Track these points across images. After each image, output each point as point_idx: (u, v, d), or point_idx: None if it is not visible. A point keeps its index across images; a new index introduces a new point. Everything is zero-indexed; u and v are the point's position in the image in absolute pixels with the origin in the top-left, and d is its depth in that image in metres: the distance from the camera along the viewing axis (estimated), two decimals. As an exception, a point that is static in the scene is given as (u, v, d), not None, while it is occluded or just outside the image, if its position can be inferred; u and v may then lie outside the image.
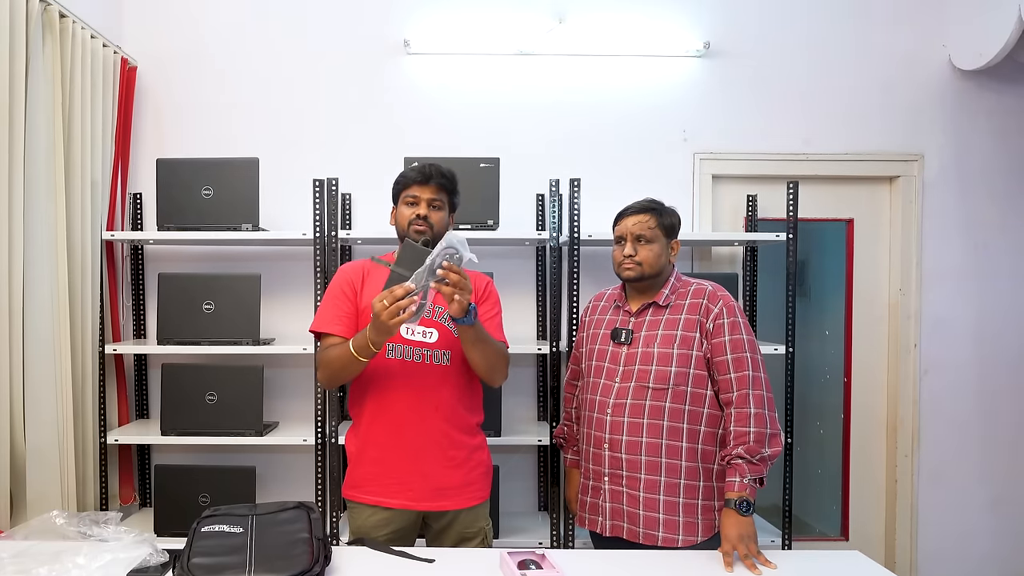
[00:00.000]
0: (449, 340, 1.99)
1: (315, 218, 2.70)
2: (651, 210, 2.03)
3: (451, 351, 1.99)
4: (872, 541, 3.27)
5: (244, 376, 2.71)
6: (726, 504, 1.84)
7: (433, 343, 1.98)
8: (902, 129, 3.19)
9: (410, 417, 1.95)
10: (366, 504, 2.00)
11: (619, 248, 2.06)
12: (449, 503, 1.99)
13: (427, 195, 1.99)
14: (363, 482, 2.01)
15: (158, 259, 3.08)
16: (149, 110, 3.09)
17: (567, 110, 3.13)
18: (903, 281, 3.21)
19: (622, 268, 2.04)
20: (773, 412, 1.91)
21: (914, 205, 3.19)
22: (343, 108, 3.11)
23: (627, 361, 2.00)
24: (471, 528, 2.03)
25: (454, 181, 2.05)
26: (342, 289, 2.03)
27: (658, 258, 2.01)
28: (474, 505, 2.03)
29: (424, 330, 1.98)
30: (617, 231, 2.07)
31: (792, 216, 2.80)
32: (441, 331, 1.99)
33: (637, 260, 2.00)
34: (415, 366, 1.97)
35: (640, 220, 2.01)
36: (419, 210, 1.98)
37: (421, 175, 1.99)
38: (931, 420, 3.21)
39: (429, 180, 1.99)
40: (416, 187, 2.00)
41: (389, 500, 1.97)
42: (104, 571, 1.59)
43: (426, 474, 1.96)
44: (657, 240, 2.01)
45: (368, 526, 1.98)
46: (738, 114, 3.16)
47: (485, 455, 2.10)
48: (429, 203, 1.99)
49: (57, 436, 2.50)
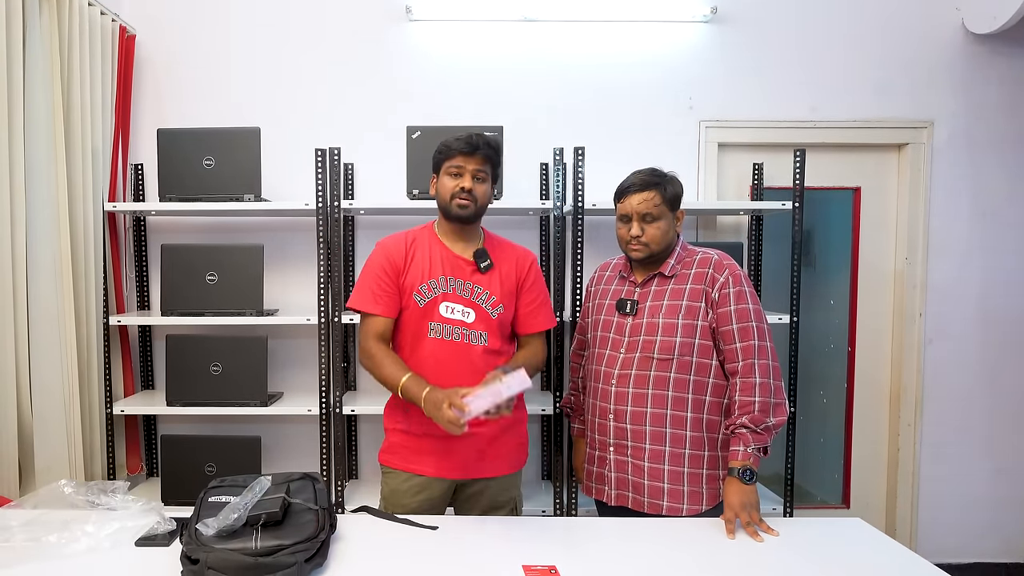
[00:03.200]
0: (486, 321, 1.98)
1: (317, 188, 2.69)
2: (655, 185, 1.97)
3: (488, 332, 1.97)
4: (873, 510, 3.30)
5: (248, 347, 2.71)
6: (729, 473, 1.85)
7: (471, 323, 1.96)
8: (912, 96, 3.15)
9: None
10: (400, 470, 2.01)
11: (624, 227, 2.01)
12: (483, 472, 2.00)
13: (472, 166, 1.92)
14: (401, 450, 2.02)
15: (160, 230, 3.08)
16: (149, 79, 3.06)
17: (572, 77, 3.09)
18: (909, 250, 3.19)
19: (629, 248, 2.01)
20: (779, 381, 1.91)
21: (922, 173, 3.16)
22: (345, 77, 3.08)
23: (632, 331, 1.99)
24: (502, 496, 2.04)
25: (499, 152, 1.98)
26: (383, 267, 1.98)
27: (665, 235, 1.98)
28: (508, 474, 2.04)
29: (464, 309, 1.96)
30: (621, 210, 2.02)
31: (798, 185, 2.77)
32: (478, 312, 1.97)
33: (644, 240, 1.97)
34: (453, 345, 1.95)
35: (645, 198, 1.96)
36: (464, 182, 1.92)
37: (468, 145, 1.91)
38: (934, 390, 3.22)
39: (476, 151, 1.91)
40: (461, 157, 1.92)
41: (424, 468, 1.99)
42: (112, 539, 1.62)
43: (465, 446, 1.97)
44: (663, 216, 1.97)
45: (401, 491, 1.99)
46: (745, 81, 3.12)
47: (523, 428, 2.10)
48: (474, 175, 1.93)
49: (63, 407, 2.53)
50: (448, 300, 1.96)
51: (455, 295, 1.97)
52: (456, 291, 1.97)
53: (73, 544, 1.58)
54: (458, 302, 1.96)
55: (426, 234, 2.05)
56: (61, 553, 1.56)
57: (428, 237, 2.04)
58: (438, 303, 1.96)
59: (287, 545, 1.47)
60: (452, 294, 1.96)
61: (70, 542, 1.59)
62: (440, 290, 1.96)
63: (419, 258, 1.99)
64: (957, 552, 3.25)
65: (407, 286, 1.97)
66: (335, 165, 2.70)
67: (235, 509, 1.51)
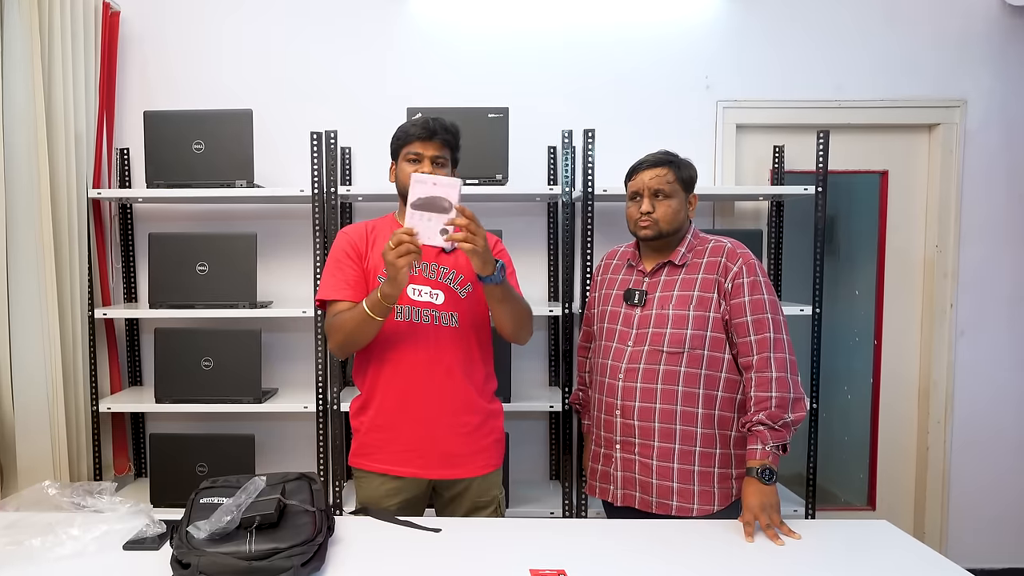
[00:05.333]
0: (456, 302, 2.00)
1: (313, 173, 2.69)
2: (668, 163, 1.99)
3: (458, 312, 2.00)
4: (900, 512, 3.30)
5: (241, 340, 2.73)
6: (748, 472, 1.85)
7: (440, 304, 1.98)
8: (944, 73, 3.12)
9: (419, 381, 1.97)
10: (375, 473, 2.03)
11: (634, 205, 2.03)
12: (461, 471, 2.02)
13: (431, 152, 1.95)
14: (371, 450, 2.04)
15: (148, 218, 3.09)
16: (135, 59, 3.06)
17: (581, 56, 3.09)
18: (940, 237, 3.18)
19: (638, 226, 2.01)
20: (796, 375, 1.91)
21: (954, 155, 3.14)
22: (342, 56, 3.07)
23: (640, 324, 1.99)
24: (484, 497, 2.06)
25: (458, 136, 2.02)
26: (345, 252, 2.02)
27: (676, 214, 1.99)
28: (487, 473, 2.06)
29: (431, 291, 1.99)
30: (632, 187, 2.04)
31: (822, 168, 2.76)
32: (448, 293, 2.00)
33: (655, 217, 1.98)
34: (423, 328, 1.97)
35: (657, 174, 1.98)
36: (422, 168, 1.95)
37: (424, 130, 1.94)
38: (966, 385, 3.21)
39: (433, 136, 1.95)
40: (418, 143, 1.95)
41: (399, 468, 2.00)
42: (99, 542, 1.63)
43: (436, 440, 1.98)
44: (676, 195, 1.99)
45: (377, 496, 2.01)
46: (765, 59, 3.10)
47: (499, 423, 2.12)
48: (433, 160, 1.95)
49: (47, 404, 2.54)
50: (414, 282, 1.98)
51: (421, 277, 1.99)
52: (422, 273, 1.99)
53: (58, 548, 1.59)
54: (425, 284, 1.99)
55: (386, 223, 2.10)
56: (45, 557, 1.56)
57: (389, 224, 2.08)
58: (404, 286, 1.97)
59: (283, 549, 1.48)
60: (418, 276, 1.99)
61: (54, 546, 1.59)
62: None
63: (381, 244, 2.00)
64: (990, 557, 3.25)
65: (371, 270, 2.00)
66: (332, 149, 2.70)
67: (228, 511, 1.52)
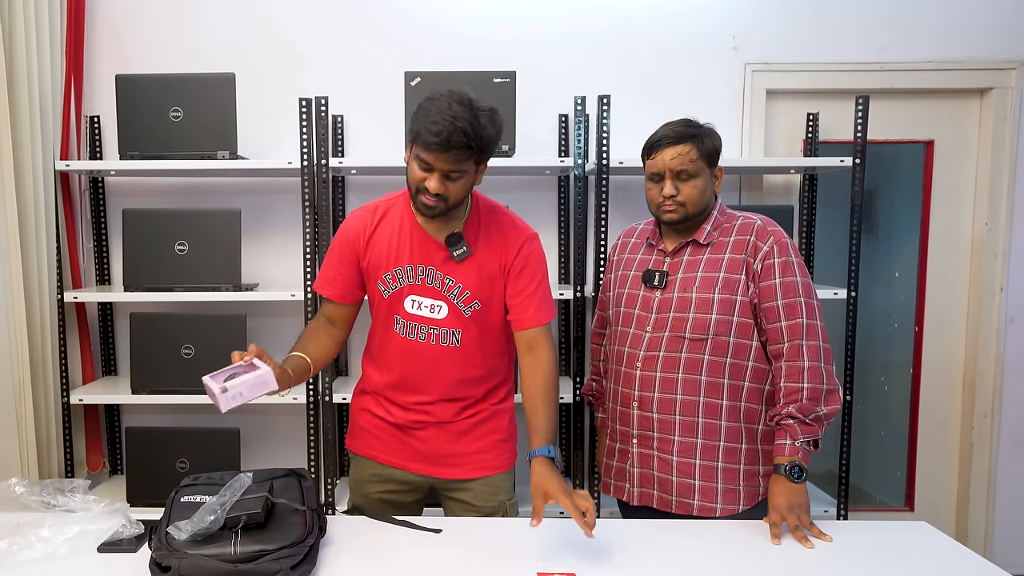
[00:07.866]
0: (460, 318, 1.92)
1: (302, 144, 2.69)
2: (690, 137, 1.93)
3: (462, 330, 1.92)
4: (941, 513, 3.30)
5: (224, 326, 2.74)
6: (775, 470, 1.85)
7: (441, 319, 1.92)
8: (997, 32, 3.09)
9: (415, 388, 1.98)
10: (363, 457, 2.08)
11: (656, 187, 1.98)
12: (455, 471, 2.01)
13: (443, 166, 1.73)
14: (359, 431, 2.09)
15: (121, 193, 3.09)
16: (105, 18, 3.04)
17: (596, 13, 3.05)
18: (990, 214, 3.16)
19: (662, 211, 1.98)
20: (830, 365, 1.90)
21: (1008, 123, 3.11)
22: (334, 15, 3.05)
23: (660, 308, 1.98)
24: (489, 502, 2.02)
25: (486, 140, 1.76)
26: (340, 245, 1.99)
27: (703, 194, 1.96)
28: (487, 476, 2.03)
29: (433, 303, 1.91)
30: (651, 167, 1.99)
31: (860, 138, 2.74)
32: (451, 307, 1.91)
33: (680, 200, 1.94)
34: (419, 346, 1.93)
35: (679, 152, 1.93)
36: (431, 183, 1.75)
37: (438, 144, 1.69)
38: (1016, 376, 3.20)
39: (448, 149, 1.70)
40: (431, 154, 1.72)
41: (386, 456, 2.03)
42: (72, 544, 1.65)
43: (425, 438, 2.00)
44: (700, 173, 1.95)
45: (363, 479, 2.06)
46: (798, 16, 3.07)
47: (503, 421, 2.07)
48: (445, 175, 1.75)
49: (13, 396, 2.56)
50: (415, 293, 1.91)
51: (423, 287, 1.91)
52: (425, 282, 1.91)
53: (27, 551, 1.60)
54: (427, 295, 1.91)
55: (400, 206, 1.96)
56: (14, 561, 1.58)
57: (401, 211, 1.95)
58: (404, 296, 1.92)
59: (270, 550, 1.49)
60: (420, 286, 1.91)
61: (23, 548, 1.60)
62: (406, 280, 1.91)
63: (384, 239, 1.93)
64: (1039, 562, 3.26)
65: (370, 271, 1.96)
66: (322, 117, 2.69)
67: (211, 510, 1.52)
